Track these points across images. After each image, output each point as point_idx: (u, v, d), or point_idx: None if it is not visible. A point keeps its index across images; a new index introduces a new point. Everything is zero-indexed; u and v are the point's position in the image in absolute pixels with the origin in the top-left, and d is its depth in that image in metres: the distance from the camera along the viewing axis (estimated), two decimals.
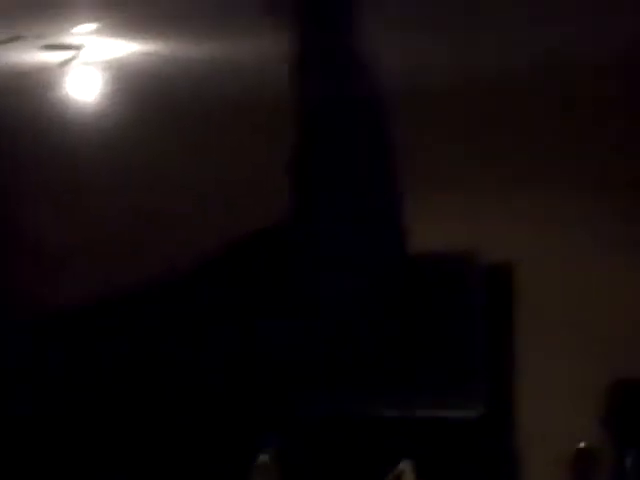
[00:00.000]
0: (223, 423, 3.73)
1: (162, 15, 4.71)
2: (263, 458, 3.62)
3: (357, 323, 4.59)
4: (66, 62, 4.48)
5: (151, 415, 3.71)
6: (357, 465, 4.51)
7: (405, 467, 3.56)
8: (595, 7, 4.78)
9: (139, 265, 5.04)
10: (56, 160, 4.82)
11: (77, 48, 4.37)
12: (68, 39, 4.64)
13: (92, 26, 4.59)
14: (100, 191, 4.98)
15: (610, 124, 5.06)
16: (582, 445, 4.37)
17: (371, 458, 4.46)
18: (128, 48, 4.61)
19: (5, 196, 4.83)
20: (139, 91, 4.72)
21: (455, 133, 5.23)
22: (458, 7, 4.80)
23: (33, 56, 4.59)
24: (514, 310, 5.03)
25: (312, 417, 4.69)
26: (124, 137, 4.86)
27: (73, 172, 4.92)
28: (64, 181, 4.87)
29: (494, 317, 4.91)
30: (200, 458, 3.26)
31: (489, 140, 5.15)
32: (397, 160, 4.92)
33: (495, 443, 4.86)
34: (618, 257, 4.96)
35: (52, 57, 4.59)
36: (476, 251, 4.81)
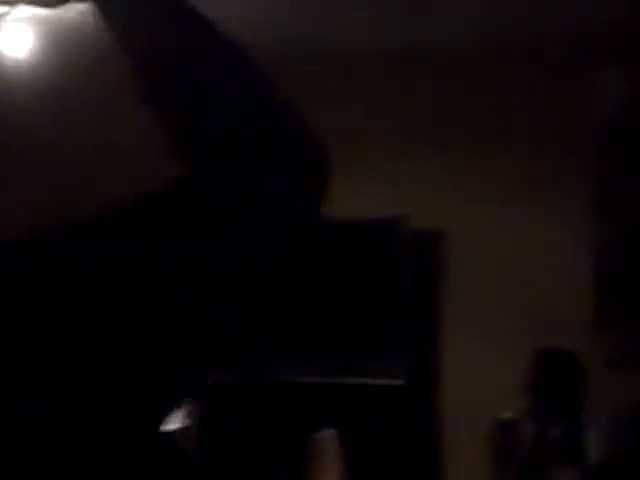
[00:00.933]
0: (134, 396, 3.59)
1: None
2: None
3: (278, 288, 4.50)
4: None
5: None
6: (278, 432, 4.44)
7: (327, 434, 3.48)
8: None
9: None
10: None
11: (10, 4, 4.19)
12: None
13: None
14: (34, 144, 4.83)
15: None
16: (504, 415, 4.35)
17: (292, 425, 4.39)
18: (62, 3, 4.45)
19: None
20: (73, 47, 4.57)
21: (380, 100, 5.18)
22: None
23: None
24: (439, 280, 5.00)
25: (232, 383, 4.61)
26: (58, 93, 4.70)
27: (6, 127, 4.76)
28: None
29: (420, 286, 4.87)
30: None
31: (417, 109, 5.11)
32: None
33: (417, 412, 4.84)
34: (542, 229, 4.96)
35: None
36: (403, 218, 4.76)
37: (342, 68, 5.17)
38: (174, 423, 3.55)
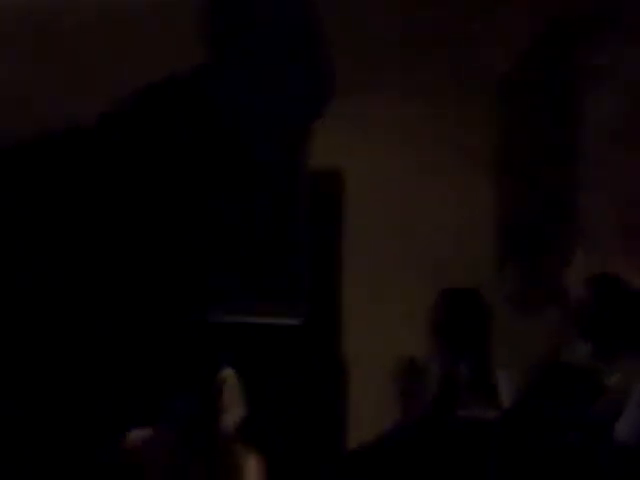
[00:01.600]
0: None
1: None
2: None
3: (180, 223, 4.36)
4: None
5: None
6: (178, 370, 4.29)
7: (227, 374, 3.35)
8: None
9: None
10: None
11: None
12: None
13: None
14: None
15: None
16: (408, 355, 4.24)
17: (192, 364, 4.24)
18: None
19: None
20: None
21: None
22: None
23: None
24: (341, 216, 4.88)
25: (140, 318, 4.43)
26: None
27: None
28: None
29: (320, 223, 4.74)
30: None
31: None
32: None
33: (319, 352, 4.70)
34: (445, 171, 4.89)
35: None
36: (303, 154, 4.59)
37: None
38: None
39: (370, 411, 4.59)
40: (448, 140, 4.91)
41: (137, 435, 3.15)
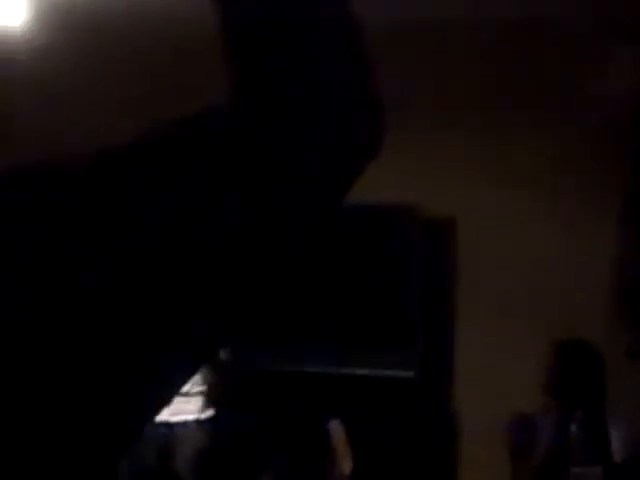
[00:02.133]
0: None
1: None
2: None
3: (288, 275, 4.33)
4: None
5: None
6: (288, 420, 4.26)
7: (334, 425, 3.31)
8: None
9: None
10: None
11: None
12: None
13: None
14: None
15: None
16: (522, 411, 4.14)
17: (301, 414, 4.22)
18: None
19: None
20: None
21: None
22: None
23: None
24: (452, 269, 4.81)
25: (243, 371, 4.43)
26: None
27: None
28: None
29: (432, 275, 4.68)
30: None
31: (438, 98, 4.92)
32: None
33: (428, 406, 4.63)
34: (559, 215, 4.78)
35: None
36: (417, 205, 4.56)
37: None
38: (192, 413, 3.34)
39: (481, 467, 4.50)
40: (563, 179, 4.81)
41: None
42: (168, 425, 3.50)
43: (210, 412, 3.60)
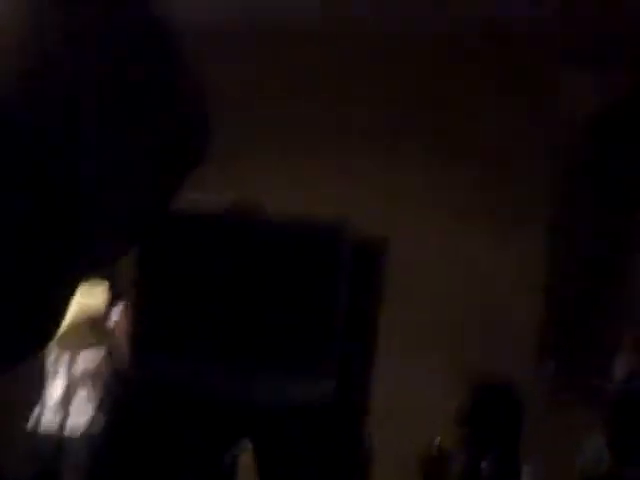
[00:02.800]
0: None
1: None
2: None
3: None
4: None
5: None
6: (195, 442, 4.15)
7: (244, 448, 3.21)
8: None
9: None
10: None
11: None
12: None
13: None
14: None
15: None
16: (436, 443, 4.09)
17: (210, 436, 4.10)
18: None
19: None
20: None
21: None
22: None
23: None
24: (376, 294, 4.72)
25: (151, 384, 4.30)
26: None
27: None
28: None
29: (355, 300, 4.58)
30: None
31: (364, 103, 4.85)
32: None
33: (343, 432, 4.53)
34: (489, 248, 4.75)
35: None
36: (346, 221, 4.47)
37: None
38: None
39: None
40: (499, 208, 4.77)
41: None
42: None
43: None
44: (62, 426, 3.46)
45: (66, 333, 3.29)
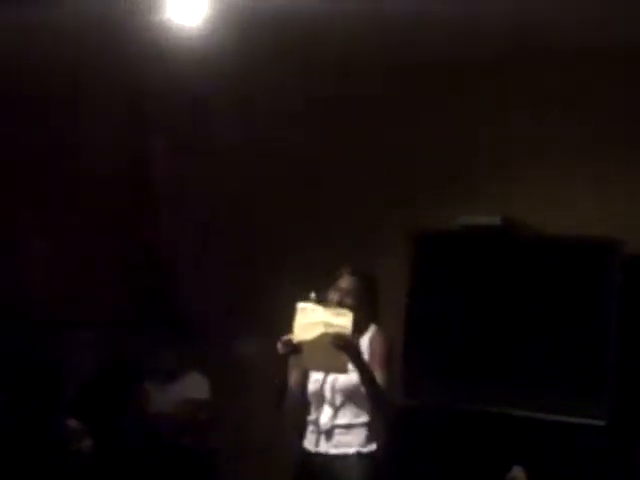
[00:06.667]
0: None
1: None
2: None
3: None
4: None
5: None
6: (469, 464, 4.09)
7: (518, 473, 3.17)
8: None
9: None
10: None
11: None
12: None
13: None
14: None
15: None
16: None
17: (485, 458, 4.02)
18: None
19: None
20: None
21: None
22: None
23: None
24: None
25: (428, 408, 4.28)
26: None
27: None
28: None
29: (628, 317, 4.40)
30: None
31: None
32: None
33: (620, 454, 4.36)
34: None
35: None
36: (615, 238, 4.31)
37: None
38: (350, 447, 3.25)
39: None
40: None
41: None
42: (327, 456, 3.42)
43: (372, 446, 3.49)
44: (334, 445, 3.50)
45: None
